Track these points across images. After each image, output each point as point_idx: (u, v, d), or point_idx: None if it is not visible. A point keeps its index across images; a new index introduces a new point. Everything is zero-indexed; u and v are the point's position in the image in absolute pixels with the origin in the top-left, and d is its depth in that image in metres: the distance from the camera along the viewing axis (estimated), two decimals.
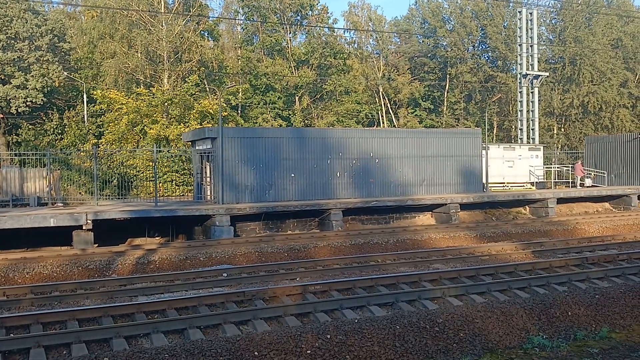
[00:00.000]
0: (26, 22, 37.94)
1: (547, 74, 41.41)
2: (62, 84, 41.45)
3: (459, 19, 55.63)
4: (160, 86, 38.39)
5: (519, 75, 35.64)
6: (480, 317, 10.19)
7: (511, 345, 9.74)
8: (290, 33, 50.20)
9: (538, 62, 36.52)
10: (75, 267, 15.43)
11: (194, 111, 36.04)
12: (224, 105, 39.70)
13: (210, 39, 47.11)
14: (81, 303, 11.95)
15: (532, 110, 35.44)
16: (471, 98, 56.14)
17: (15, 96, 37.18)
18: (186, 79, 39.45)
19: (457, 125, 53.38)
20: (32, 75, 37.69)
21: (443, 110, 55.82)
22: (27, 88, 37.56)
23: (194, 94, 38.49)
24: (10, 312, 11.13)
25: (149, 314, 10.84)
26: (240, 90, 45.82)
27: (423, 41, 57.81)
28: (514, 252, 17.55)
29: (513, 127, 51.58)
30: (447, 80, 55.48)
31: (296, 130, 30.93)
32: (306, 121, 48.45)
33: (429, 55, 56.54)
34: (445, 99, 56.21)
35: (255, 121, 45.07)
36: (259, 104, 46.09)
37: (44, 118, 41.10)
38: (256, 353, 8.50)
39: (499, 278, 13.57)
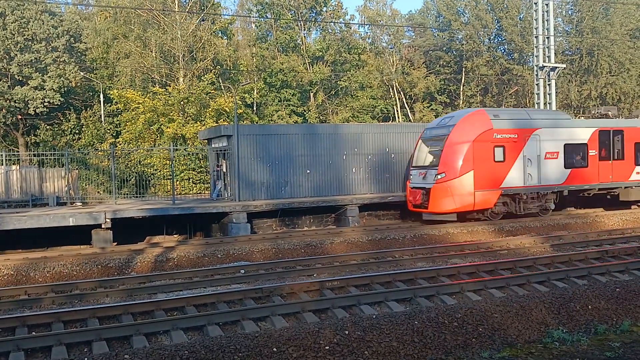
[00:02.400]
0: (43, 24, 38.34)
1: (564, 65, 40.92)
2: (78, 84, 41.85)
3: (474, 11, 55.17)
4: (176, 85, 38.57)
5: (535, 68, 35.25)
6: (500, 311, 10.12)
7: (530, 339, 9.66)
8: (304, 29, 50.15)
9: (555, 53, 36.08)
10: (94, 266, 15.58)
11: (210, 109, 36.17)
12: (239, 103, 39.79)
13: (224, 37, 47.22)
14: (101, 301, 12.07)
15: (549, 103, 35.04)
16: (487, 91, 55.71)
17: (33, 97, 37.61)
18: (201, 78, 39.59)
19: None
20: (50, 76, 38.09)
21: (459, 104, 55.47)
22: (45, 89, 37.98)
23: (210, 93, 38.63)
24: (31, 311, 11.27)
25: (168, 311, 10.91)
26: (255, 88, 45.88)
27: (438, 35, 57.44)
28: (532, 246, 17.42)
29: None
30: (463, 74, 55.09)
31: (311, 127, 30.92)
32: (321, 117, 48.42)
33: (444, 48, 56.18)
34: (461, 93, 55.85)
35: (270, 118, 45.14)
36: (273, 101, 46.15)
37: (62, 118, 41.53)
38: (275, 349, 8.52)
39: (517, 272, 13.48)
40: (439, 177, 20.82)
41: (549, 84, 34.64)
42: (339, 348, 8.71)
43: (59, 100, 38.79)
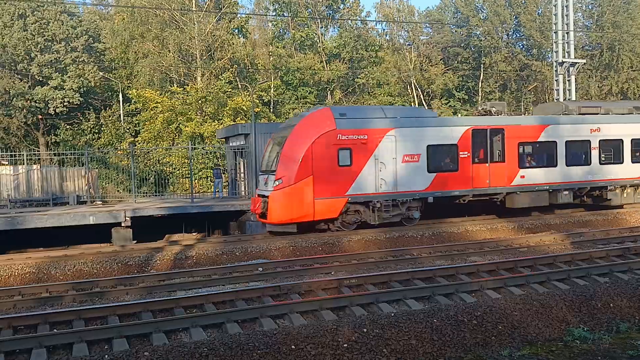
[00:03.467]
0: (62, 24, 38.82)
1: (584, 61, 40.47)
2: (97, 84, 42.27)
3: (492, 7, 54.71)
4: (194, 84, 38.78)
5: (554, 63, 34.87)
6: (519, 309, 10.03)
7: (551, 337, 9.57)
8: (321, 27, 50.12)
9: (575, 49, 35.68)
10: (115, 264, 15.73)
11: (228, 108, 36.33)
12: (257, 101, 39.90)
13: (240, 36, 47.39)
14: (121, 299, 12.17)
15: (569, 99, 34.66)
16: (506, 87, 55.25)
17: (53, 97, 38.10)
18: (219, 77, 39.77)
19: None
20: (69, 76, 38.56)
21: (478, 101, 55.06)
22: (65, 89, 38.45)
23: (227, 91, 38.79)
24: (53, 308, 11.40)
25: (188, 308, 10.98)
26: (272, 86, 45.98)
27: (456, 31, 57.07)
28: (552, 243, 17.24)
29: None
30: (482, 70, 54.69)
31: None
32: None
33: (462, 45, 55.80)
34: (479, 89, 55.44)
35: (287, 117, 45.19)
36: (290, 99, 46.19)
37: (81, 118, 41.99)
38: (293, 346, 8.53)
39: (537, 270, 13.35)
40: (276, 183, 18.69)
41: (568, 80, 34.25)
42: (358, 346, 8.69)
43: (79, 100, 39.25)
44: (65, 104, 38.60)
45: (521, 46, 56.67)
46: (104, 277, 14.72)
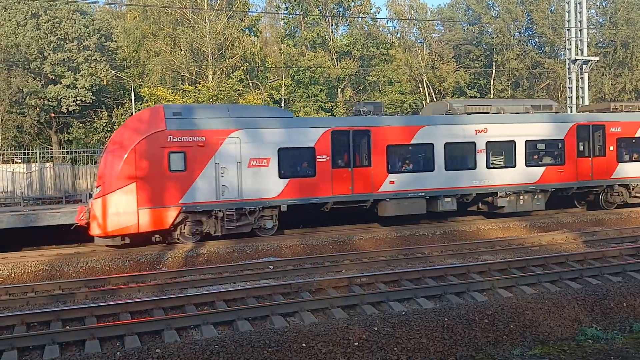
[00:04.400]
0: (75, 23, 39.05)
1: (598, 58, 40.10)
2: (110, 83, 42.50)
3: (504, 5, 54.40)
4: (206, 82, 38.90)
5: (567, 61, 34.63)
6: (531, 308, 9.98)
7: (563, 337, 9.52)
8: (332, 25, 50.07)
9: (588, 46, 35.38)
10: (126, 261, 15.82)
11: None
12: (267, 99, 39.95)
13: (252, 34, 47.44)
14: (133, 296, 12.25)
15: (582, 97, 34.40)
16: (518, 85, 54.93)
17: (66, 95, 38.34)
18: (230, 75, 39.86)
19: None
20: (82, 75, 38.79)
21: (489, 99, 54.83)
22: (77, 87, 38.69)
23: (238, 90, 38.86)
24: (65, 305, 11.49)
25: (199, 305, 11.03)
26: (283, 84, 46.01)
27: (467, 29, 56.80)
28: (565, 242, 17.13)
29: None
30: (493, 68, 54.41)
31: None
32: (349, 113, 48.30)
33: (474, 42, 55.54)
34: (491, 87, 55.15)
35: (297, 115, 45.21)
36: (301, 97, 46.19)
37: (94, 116, 42.23)
38: (304, 344, 8.54)
39: (549, 269, 13.27)
40: (97, 191, 17.04)
41: (581, 78, 33.99)
42: (368, 344, 8.69)
43: (91, 98, 39.47)
44: (77, 102, 38.84)
45: (533, 44, 56.31)
46: (116, 274, 14.81)
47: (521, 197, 20.98)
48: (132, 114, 42.09)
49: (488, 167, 20.51)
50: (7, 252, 17.18)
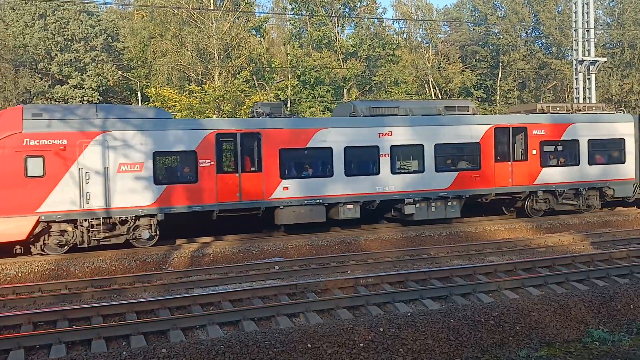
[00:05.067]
0: (81, 24, 39.23)
1: (605, 59, 39.94)
2: (116, 83, 42.66)
3: (510, 5, 54.27)
4: (212, 83, 38.97)
5: (574, 62, 34.51)
6: (537, 310, 9.95)
7: (569, 338, 9.48)
8: (338, 26, 50.08)
9: (595, 47, 35.23)
10: (133, 261, 15.85)
11: (245, 107, 36.45)
12: (274, 100, 39.97)
13: (258, 35, 47.50)
14: (139, 296, 12.28)
15: (589, 98, 34.26)
16: (525, 86, 54.78)
17: (73, 96, 38.50)
18: (236, 76, 39.92)
19: None
20: (88, 75, 38.96)
21: (496, 99, 54.67)
22: (84, 88, 38.87)
23: (245, 90, 38.92)
24: (72, 305, 11.54)
25: (205, 306, 11.06)
26: (289, 84, 46.05)
27: (474, 29, 56.70)
28: (571, 243, 17.07)
29: None
30: (500, 68, 54.27)
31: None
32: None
33: (480, 43, 55.44)
34: (497, 88, 55.03)
35: (303, 115, 45.21)
36: (307, 97, 46.21)
37: None
38: (309, 345, 8.54)
39: (556, 270, 13.23)
40: None
41: (588, 78, 33.86)
42: (374, 345, 8.68)
43: (98, 98, 39.63)
44: (84, 102, 39.04)
45: (540, 44, 56.14)
46: (122, 274, 14.85)
47: (432, 204, 19.74)
48: None
49: (393, 173, 19.25)
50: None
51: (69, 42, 39.15)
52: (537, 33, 56.52)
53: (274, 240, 17.87)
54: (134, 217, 16.89)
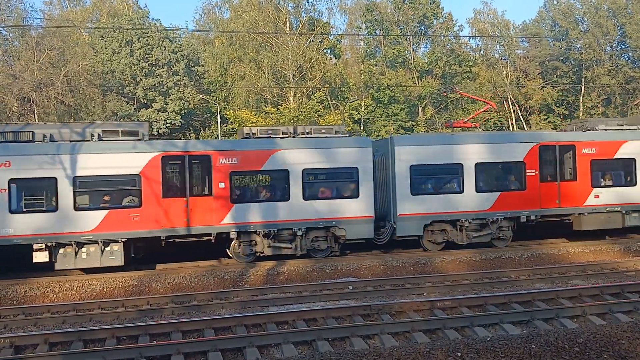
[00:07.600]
0: (164, 50, 41.01)
1: None
2: (197, 106, 44.18)
3: (593, 18, 52.25)
4: (287, 104, 39.66)
5: None
6: (627, 337, 9.38)
7: None
8: (413, 44, 49.89)
9: None
10: (211, 278, 16.22)
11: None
12: (347, 120, 40.18)
13: (332, 56, 48.00)
14: (217, 312, 12.52)
15: None
16: (610, 102, 52.41)
17: (157, 119, 40.19)
18: (311, 96, 40.44)
19: None
20: (171, 99, 40.59)
21: (579, 116, 52.54)
22: (167, 111, 40.51)
23: (319, 111, 39.34)
24: (153, 320, 11.90)
25: (279, 324, 11.13)
26: (363, 104, 46.18)
27: (554, 44, 54.93)
28: None
29: None
30: (583, 84, 52.21)
31: None
32: (430, 132, 47.71)
33: (561, 58, 53.61)
34: (580, 104, 52.91)
35: (378, 134, 45.08)
36: (381, 116, 46.13)
37: (182, 138, 43.97)
38: None
39: None
40: None
41: None
42: None
43: (180, 121, 41.19)
44: (167, 125, 40.61)
45: (626, 58, 53.63)
46: (201, 290, 15.20)
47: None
48: (217, 135, 43.51)
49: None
50: None
51: (153, 68, 40.97)
52: (623, 46, 54.09)
53: (347, 260, 17.82)
54: None
